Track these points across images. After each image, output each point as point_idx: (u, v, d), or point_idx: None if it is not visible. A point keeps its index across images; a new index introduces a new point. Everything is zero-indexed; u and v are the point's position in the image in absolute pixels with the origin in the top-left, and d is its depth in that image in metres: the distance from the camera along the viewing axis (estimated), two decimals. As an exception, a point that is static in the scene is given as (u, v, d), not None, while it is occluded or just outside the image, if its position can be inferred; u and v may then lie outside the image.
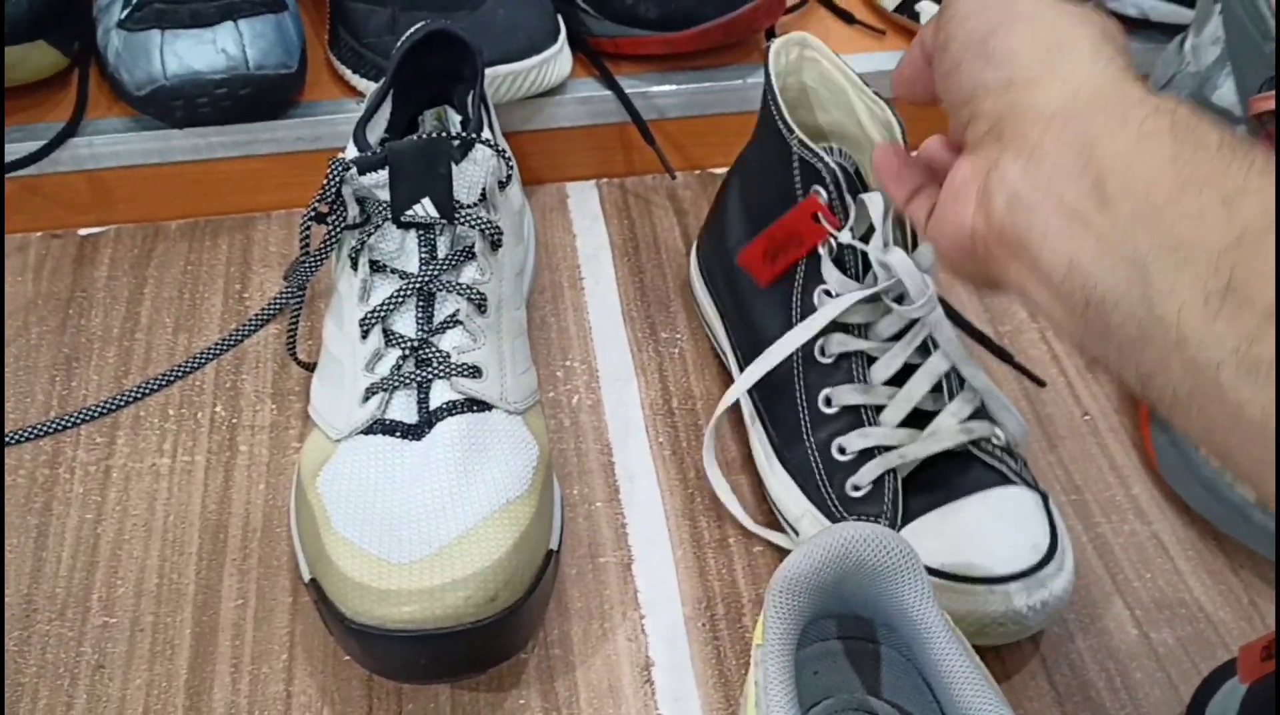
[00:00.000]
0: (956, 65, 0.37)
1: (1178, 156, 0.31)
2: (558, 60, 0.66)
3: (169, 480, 0.56)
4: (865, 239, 0.51)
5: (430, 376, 0.49)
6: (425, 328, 0.50)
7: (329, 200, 0.51)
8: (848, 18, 0.76)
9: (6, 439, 0.51)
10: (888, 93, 0.52)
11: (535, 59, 0.65)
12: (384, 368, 0.50)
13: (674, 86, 0.71)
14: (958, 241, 0.36)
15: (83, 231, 0.69)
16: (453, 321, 0.51)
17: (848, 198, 0.50)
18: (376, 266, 0.51)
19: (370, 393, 0.49)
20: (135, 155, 0.67)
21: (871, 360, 0.51)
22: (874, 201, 0.50)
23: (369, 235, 0.51)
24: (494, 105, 0.63)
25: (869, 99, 0.52)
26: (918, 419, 0.51)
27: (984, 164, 0.35)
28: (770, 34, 0.72)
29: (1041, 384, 0.60)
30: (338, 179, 0.50)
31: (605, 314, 0.64)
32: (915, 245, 0.51)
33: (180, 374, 0.53)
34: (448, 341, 0.50)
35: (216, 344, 0.52)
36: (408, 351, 0.50)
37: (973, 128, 0.36)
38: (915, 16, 0.72)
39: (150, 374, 0.60)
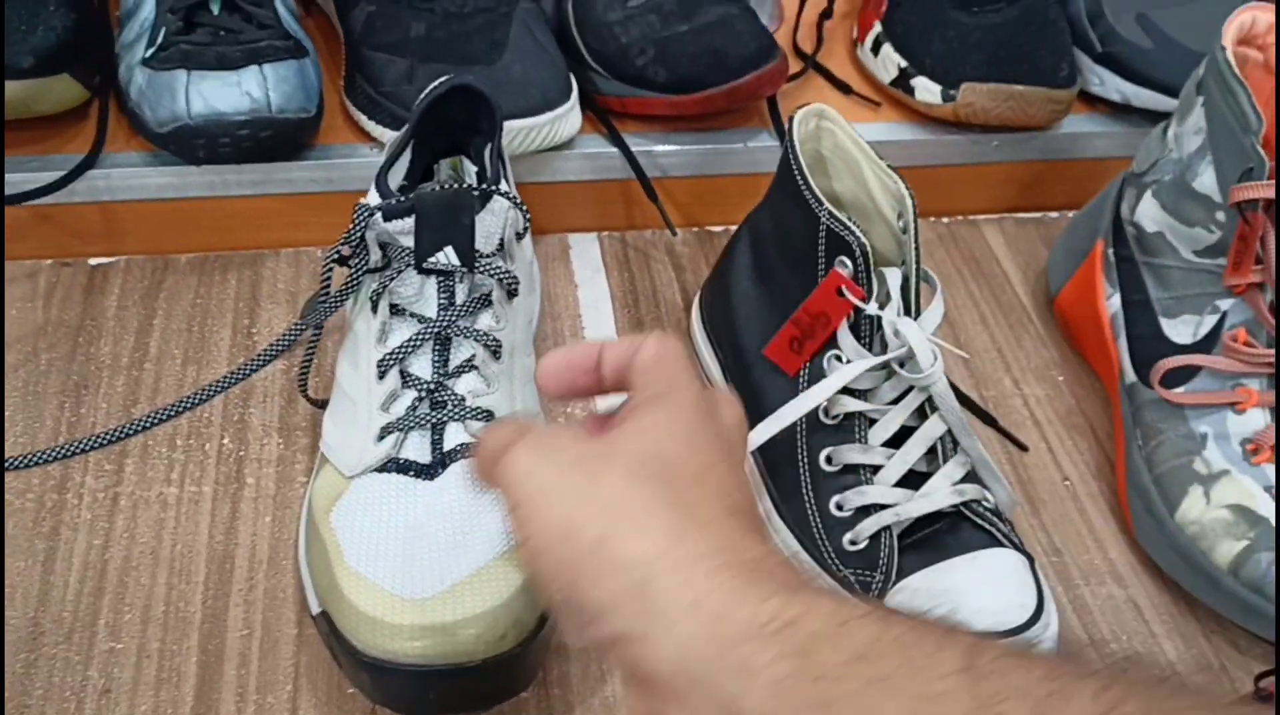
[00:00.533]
0: (562, 614, 0.34)
1: (813, 699, 0.29)
2: (569, 117, 0.69)
3: (176, 509, 0.57)
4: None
5: (445, 418, 0.51)
6: (441, 371, 0.52)
7: (353, 243, 0.53)
8: (845, 88, 0.79)
9: (13, 462, 0.52)
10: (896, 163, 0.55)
11: (549, 115, 0.67)
12: (399, 408, 0.52)
13: (677, 147, 0.73)
14: None
15: (93, 261, 0.70)
16: (468, 366, 0.52)
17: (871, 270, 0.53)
18: (396, 310, 0.53)
19: (385, 432, 0.51)
20: (150, 189, 0.69)
21: (872, 422, 0.54)
22: (893, 275, 0.53)
23: (390, 279, 0.53)
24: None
25: (881, 171, 0.55)
26: (911, 479, 0.53)
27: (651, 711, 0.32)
28: (772, 101, 0.74)
29: (1024, 448, 0.62)
30: (363, 223, 0.52)
31: (605, 364, 0.66)
32: (919, 314, 0.54)
33: (189, 405, 0.54)
34: (463, 385, 0.52)
35: (226, 377, 0.53)
36: (424, 393, 0.52)
37: (618, 673, 0.35)
38: (910, 91, 0.75)
39: (159, 404, 0.61)
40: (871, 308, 0.53)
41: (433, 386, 0.52)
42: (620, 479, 0.34)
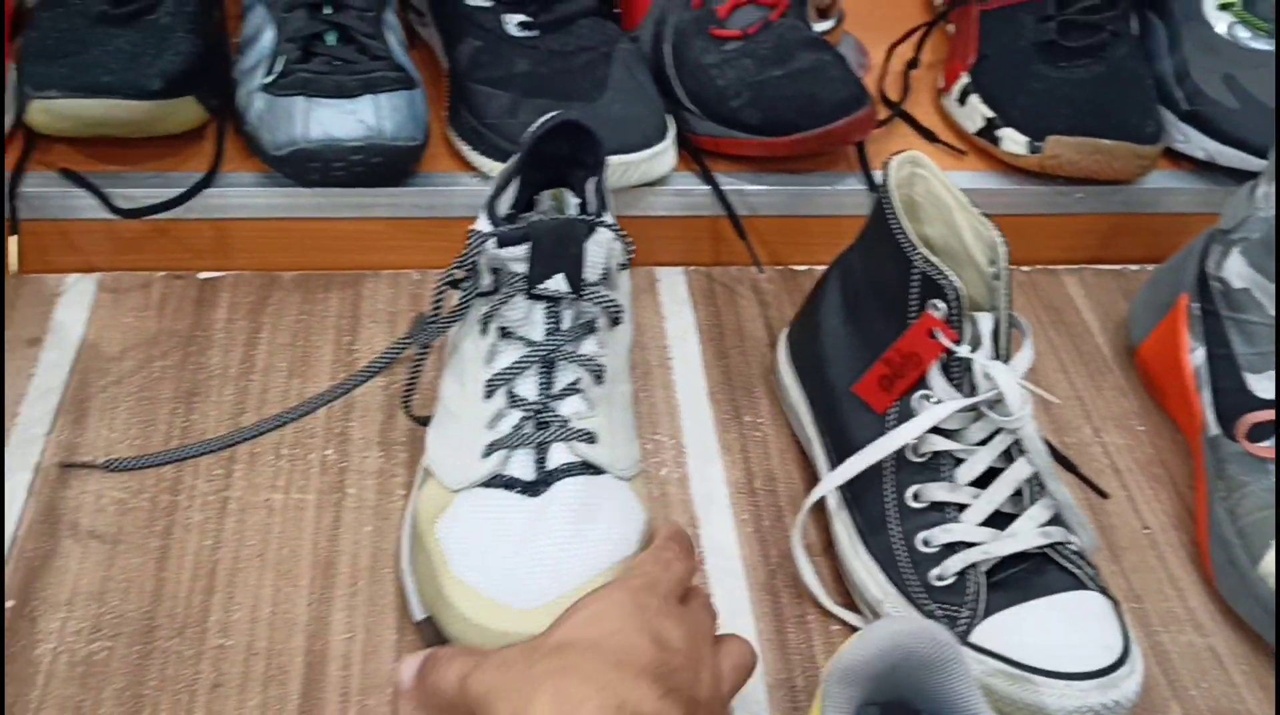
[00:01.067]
0: None
1: None
2: (666, 154, 0.71)
3: (281, 515, 0.59)
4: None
5: (549, 439, 0.53)
6: (546, 393, 0.54)
7: (466, 268, 0.55)
8: (930, 136, 0.81)
9: (124, 463, 0.55)
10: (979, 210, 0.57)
11: (647, 152, 0.69)
12: (505, 427, 0.54)
13: (767, 187, 0.76)
14: None
15: (202, 275, 0.73)
16: (572, 389, 0.54)
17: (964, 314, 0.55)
18: (504, 333, 0.55)
19: (491, 449, 0.53)
20: (260, 209, 0.72)
21: (959, 461, 0.55)
22: (984, 319, 0.54)
23: (500, 304, 0.55)
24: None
25: (974, 217, 0.57)
26: (996, 520, 0.54)
27: None
28: (860, 147, 0.76)
29: (1104, 495, 0.63)
30: (477, 248, 0.54)
31: (692, 394, 0.68)
32: (1009, 358, 0.55)
33: (297, 415, 0.57)
34: (567, 407, 0.54)
35: (332, 388, 0.56)
36: (529, 414, 0.54)
37: None
38: (996, 141, 0.77)
39: (265, 414, 0.64)
40: (963, 350, 0.55)
41: (538, 407, 0.54)
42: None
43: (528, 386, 0.54)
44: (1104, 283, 0.79)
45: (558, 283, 0.54)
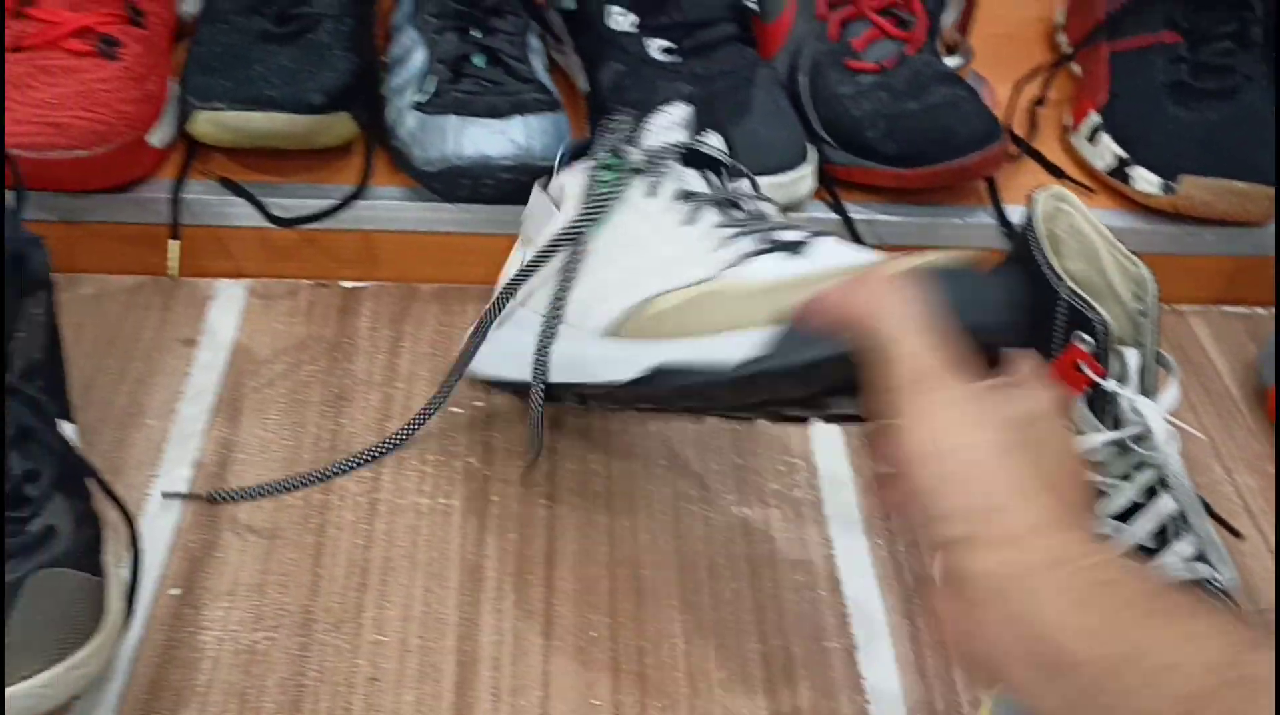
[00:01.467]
0: (910, 510, 0.40)
1: (1117, 624, 0.35)
2: (806, 179, 0.73)
3: (429, 519, 0.61)
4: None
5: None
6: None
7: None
8: (1058, 173, 0.81)
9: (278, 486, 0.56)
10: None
11: (790, 175, 0.71)
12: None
13: (897, 218, 0.77)
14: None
15: (346, 284, 0.75)
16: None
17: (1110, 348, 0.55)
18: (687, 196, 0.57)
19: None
20: (405, 222, 0.74)
21: (1101, 494, 0.56)
22: (1132, 355, 0.55)
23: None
24: None
25: (1120, 255, 0.57)
26: (1136, 555, 0.55)
27: (957, 611, 0.38)
28: (991, 181, 0.77)
29: (1239, 536, 0.63)
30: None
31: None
32: (1153, 394, 0.56)
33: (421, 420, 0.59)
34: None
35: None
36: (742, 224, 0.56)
37: (937, 573, 0.40)
38: (1127, 180, 0.78)
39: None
40: (1110, 384, 0.56)
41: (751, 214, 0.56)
42: (997, 418, 0.40)
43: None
44: (1231, 325, 0.79)
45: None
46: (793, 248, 0.51)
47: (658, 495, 0.64)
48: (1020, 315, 0.46)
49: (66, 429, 0.55)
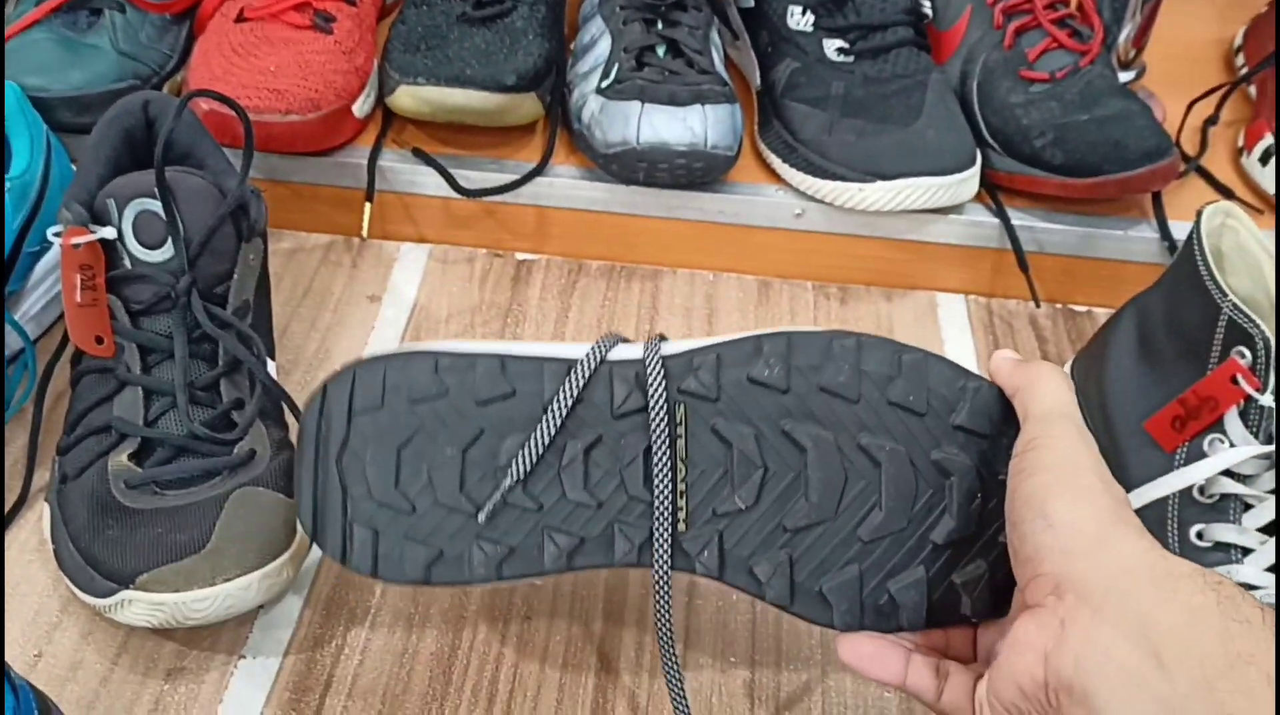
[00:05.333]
0: (1020, 519, 0.42)
1: (1225, 632, 0.36)
2: (971, 181, 0.74)
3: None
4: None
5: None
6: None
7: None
8: (1227, 193, 0.81)
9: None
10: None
11: (954, 178, 0.73)
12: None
13: (1058, 226, 0.78)
14: (1028, 691, 0.40)
15: (519, 255, 0.80)
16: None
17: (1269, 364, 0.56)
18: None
19: None
20: (579, 200, 0.78)
21: (1248, 506, 0.56)
22: (1290, 372, 0.55)
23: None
24: (901, 210, 0.73)
25: (1286, 274, 0.58)
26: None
27: (1051, 624, 0.39)
28: (1156, 196, 0.78)
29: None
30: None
31: (969, 416, 0.71)
32: (1311, 409, 0.56)
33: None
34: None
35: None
36: None
37: (1035, 587, 0.41)
38: (1300, 203, 0.77)
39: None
40: (1266, 399, 0.56)
41: None
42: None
43: None
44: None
45: None
46: None
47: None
48: None
49: (269, 365, 0.61)
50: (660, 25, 0.77)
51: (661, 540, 0.48)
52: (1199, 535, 0.57)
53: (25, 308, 0.67)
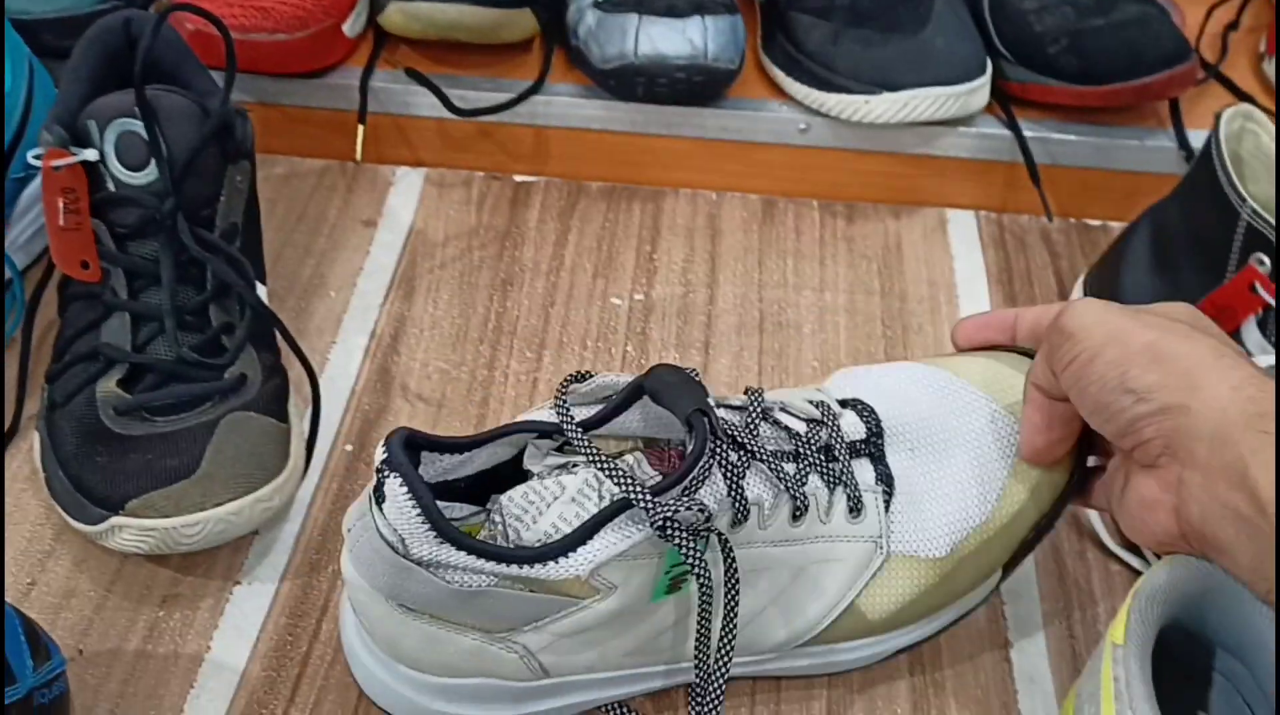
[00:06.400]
0: (1104, 405, 0.43)
1: None
2: (981, 91, 0.72)
3: (586, 400, 0.64)
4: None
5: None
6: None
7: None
8: (1246, 99, 0.78)
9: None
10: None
11: (964, 87, 0.70)
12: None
13: (1072, 137, 0.75)
14: (1165, 541, 0.43)
15: (518, 177, 0.78)
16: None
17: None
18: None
19: None
20: (578, 119, 0.76)
21: (1264, 416, 0.55)
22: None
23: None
24: (910, 122, 0.71)
25: (1308, 176, 0.56)
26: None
27: (1170, 481, 0.42)
28: (1174, 103, 0.75)
29: None
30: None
31: (979, 333, 0.69)
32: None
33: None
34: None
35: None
36: None
37: (1143, 451, 0.42)
38: (1323, 111, 0.74)
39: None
40: (1286, 305, 0.54)
41: None
42: (1160, 318, 0.44)
43: None
44: None
45: None
46: None
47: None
48: None
49: (260, 290, 0.60)
50: (658, -65, 0.75)
51: None
52: (1214, 448, 0.55)
53: (12, 237, 0.66)
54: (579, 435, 0.45)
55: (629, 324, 0.68)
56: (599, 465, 0.43)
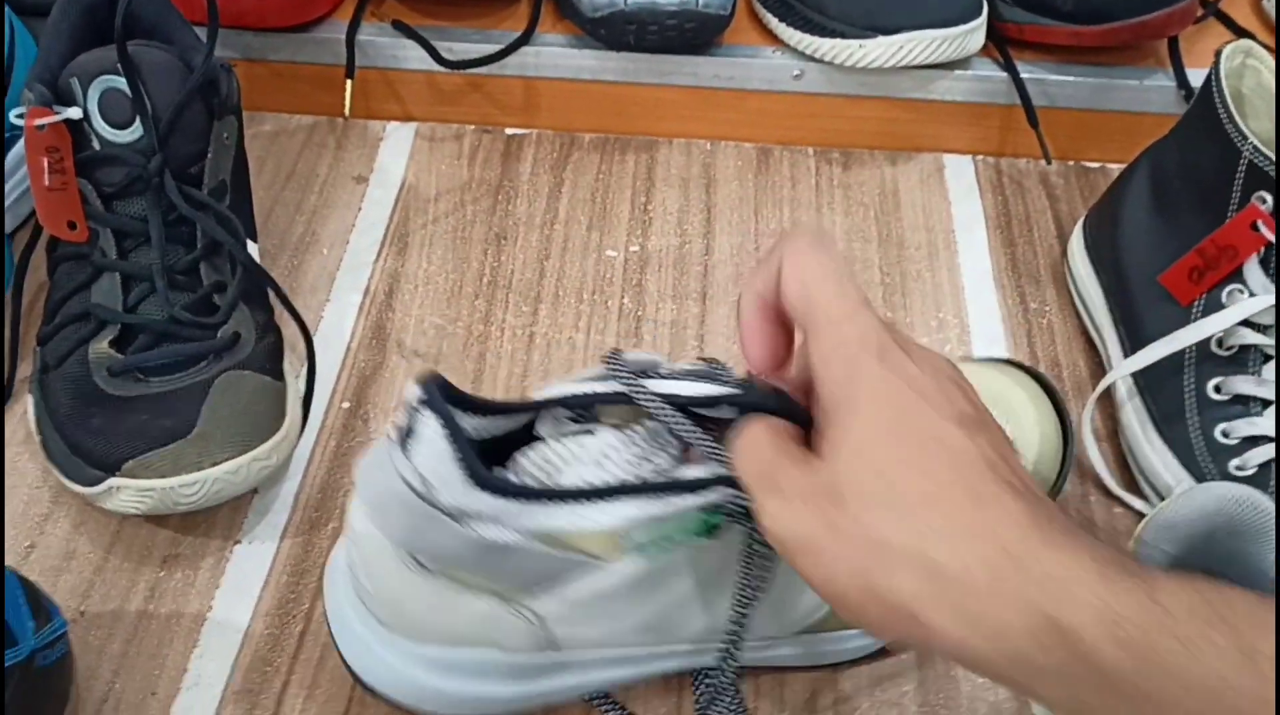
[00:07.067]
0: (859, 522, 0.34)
1: None
2: (978, 32, 0.71)
3: (584, 353, 0.63)
4: None
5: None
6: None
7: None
8: (1247, 36, 0.77)
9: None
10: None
11: (960, 29, 0.69)
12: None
13: (1069, 78, 0.74)
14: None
15: (509, 130, 0.77)
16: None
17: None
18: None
19: None
20: (569, 70, 0.75)
21: (1267, 357, 0.54)
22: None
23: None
24: (905, 66, 0.69)
25: (1310, 111, 0.55)
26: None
27: None
28: (1173, 42, 0.74)
29: None
30: None
31: (977, 278, 0.69)
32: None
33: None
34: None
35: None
36: None
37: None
38: (1323, 43, 0.73)
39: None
40: (1287, 243, 0.54)
41: None
42: (857, 519, 0.34)
43: None
44: None
45: None
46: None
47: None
48: None
49: (251, 248, 0.59)
50: (646, -121, 0.73)
51: None
52: (1217, 388, 0.55)
53: (-1, 199, 0.65)
54: (647, 394, 0.41)
55: (625, 276, 0.68)
56: (676, 425, 0.41)
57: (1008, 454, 0.36)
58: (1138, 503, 0.56)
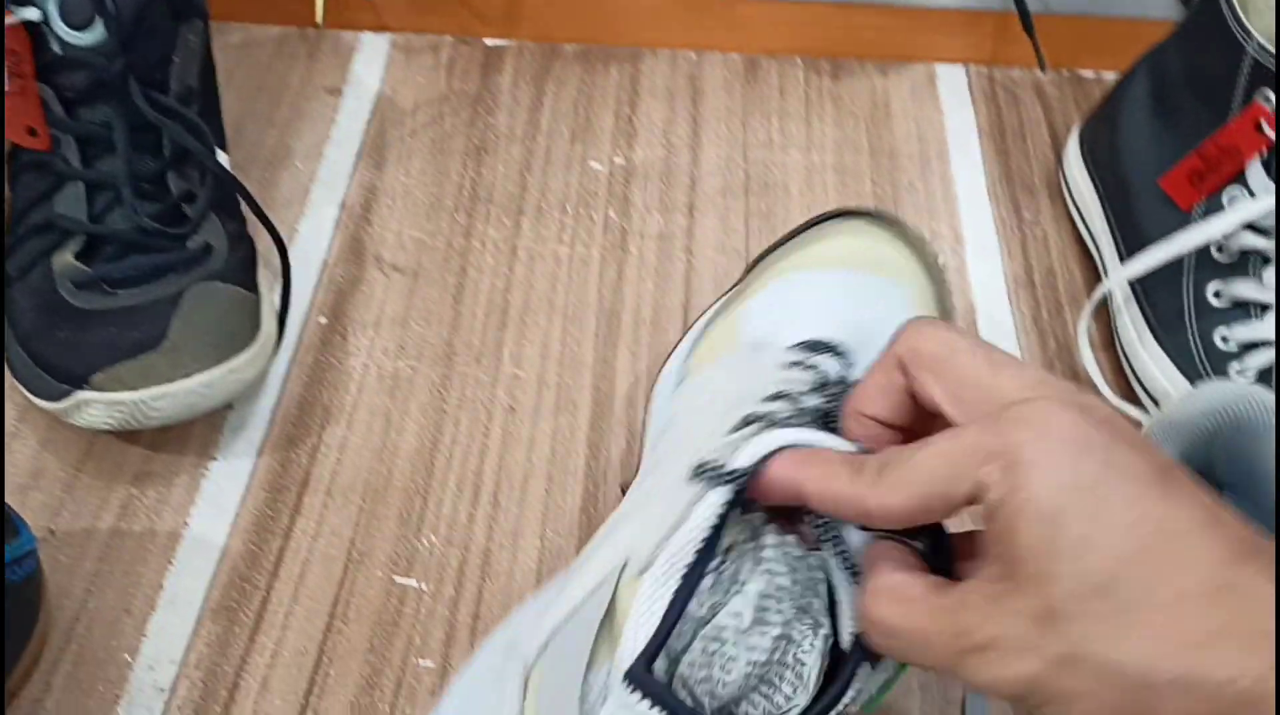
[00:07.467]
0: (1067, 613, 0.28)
1: None
2: (971, -62, 0.68)
3: (567, 266, 0.61)
4: None
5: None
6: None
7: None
8: (1247, -59, 0.75)
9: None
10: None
11: (953, -68, 0.67)
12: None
13: (1066, -17, 0.72)
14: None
15: (488, 41, 0.75)
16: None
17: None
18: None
19: None
20: (550, -24, 0.72)
21: (1267, 261, 0.53)
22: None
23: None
24: None
25: (1317, 5, 0.53)
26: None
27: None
28: (1173, -56, 0.72)
29: None
30: None
31: (970, 188, 0.67)
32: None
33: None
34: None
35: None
36: None
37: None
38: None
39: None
40: (1292, 143, 0.52)
41: None
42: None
43: None
44: None
45: None
46: None
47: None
48: None
49: (221, 157, 0.57)
50: None
51: None
52: (1216, 294, 0.53)
53: (-43, 110, 0.62)
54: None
55: (610, 188, 0.66)
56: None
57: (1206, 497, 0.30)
58: (1135, 411, 0.55)
